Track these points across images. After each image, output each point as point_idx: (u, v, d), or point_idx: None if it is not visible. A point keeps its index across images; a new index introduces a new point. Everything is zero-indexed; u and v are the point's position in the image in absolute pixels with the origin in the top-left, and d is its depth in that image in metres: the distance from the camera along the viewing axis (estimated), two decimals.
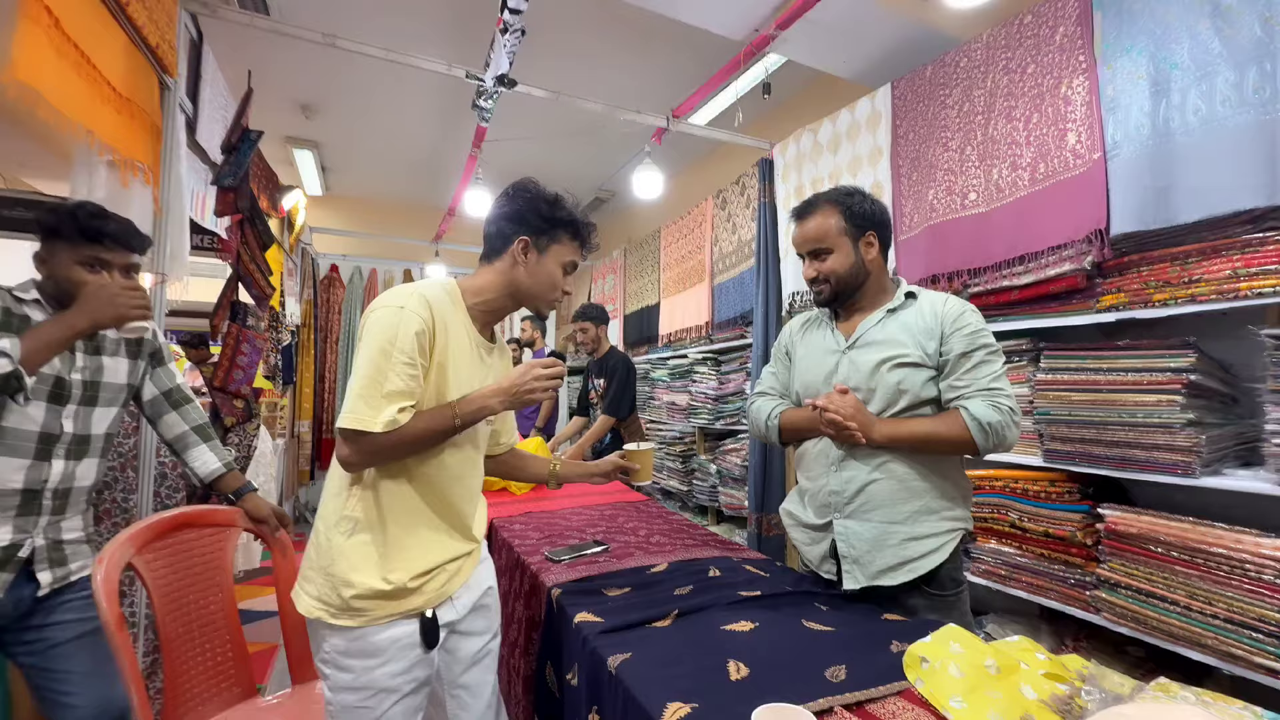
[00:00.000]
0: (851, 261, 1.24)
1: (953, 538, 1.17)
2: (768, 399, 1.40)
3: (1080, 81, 1.68)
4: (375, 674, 0.98)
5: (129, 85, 1.68)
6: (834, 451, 1.22)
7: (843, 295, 1.27)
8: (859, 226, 1.24)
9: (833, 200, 1.25)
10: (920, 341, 1.18)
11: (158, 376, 1.45)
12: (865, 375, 1.20)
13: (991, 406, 1.11)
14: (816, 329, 1.36)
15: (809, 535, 1.28)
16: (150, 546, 1.26)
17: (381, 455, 0.97)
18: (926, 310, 1.22)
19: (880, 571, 1.15)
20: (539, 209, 1.09)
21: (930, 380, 1.19)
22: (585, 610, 1.09)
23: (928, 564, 1.14)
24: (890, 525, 1.16)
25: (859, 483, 1.18)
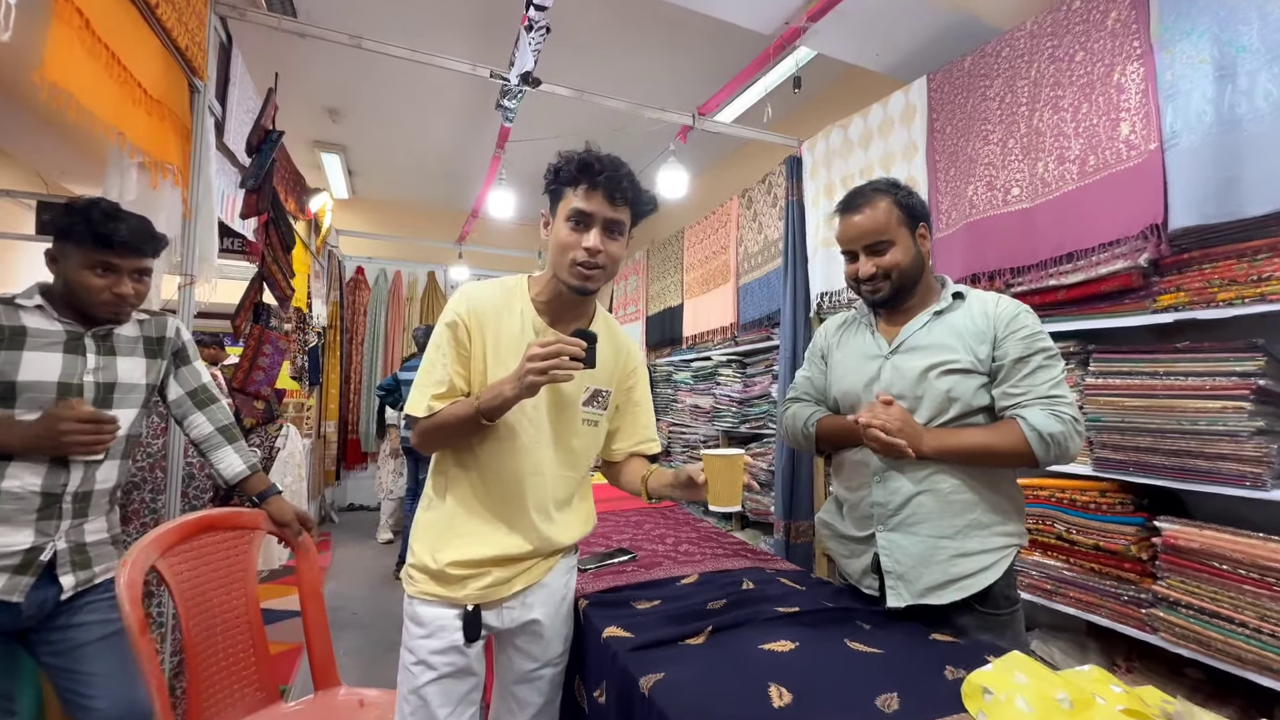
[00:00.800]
0: (913, 253, 1.15)
1: (1006, 554, 1.09)
2: (803, 404, 1.32)
3: (1135, 68, 1.59)
4: (418, 642, 1.03)
5: (159, 88, 1.69)
6: (875, 461, 1.14)
7: (903, 293, 1.17)
8: (913, 217, 1.15)
9: (883, 190, 1.16)
10: (971, 346, 1.10)
11: (182, 376, 1.44)
12: (911, 382, 1.12)
13: (1052, 415, 1.02)
14: (855, 332, 1.27)
15: (848, 548, 1.21)
16: (174, 550, 1.25)
17: (427, 438, 1.05)
18: (977, 312, 1.13)
19: (927, 589, 1.07)
20: (547, 178, 1.05)
21: (982, 388, 1.10)
22: (614, 624, 1.04)
23: (978, 582, 1.06)
24: (938, 540, 1.08)
25: (905, 495, 1.11)
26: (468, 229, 5.41)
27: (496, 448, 1.05)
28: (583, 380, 1.10)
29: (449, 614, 1.03)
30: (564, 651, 1.13)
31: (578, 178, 0.99)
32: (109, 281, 1.22)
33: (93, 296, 1.21)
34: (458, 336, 1.04)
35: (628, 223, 1.05)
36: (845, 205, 1.20)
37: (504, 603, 1.07)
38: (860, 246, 1.17)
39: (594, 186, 0.99)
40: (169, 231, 1.82)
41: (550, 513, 1.08)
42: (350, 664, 2.56)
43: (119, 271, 1.23)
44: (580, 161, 0.99)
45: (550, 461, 1.08)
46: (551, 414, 1.09)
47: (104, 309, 1.23)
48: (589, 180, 0.99)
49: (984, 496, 1.10)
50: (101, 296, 1.22)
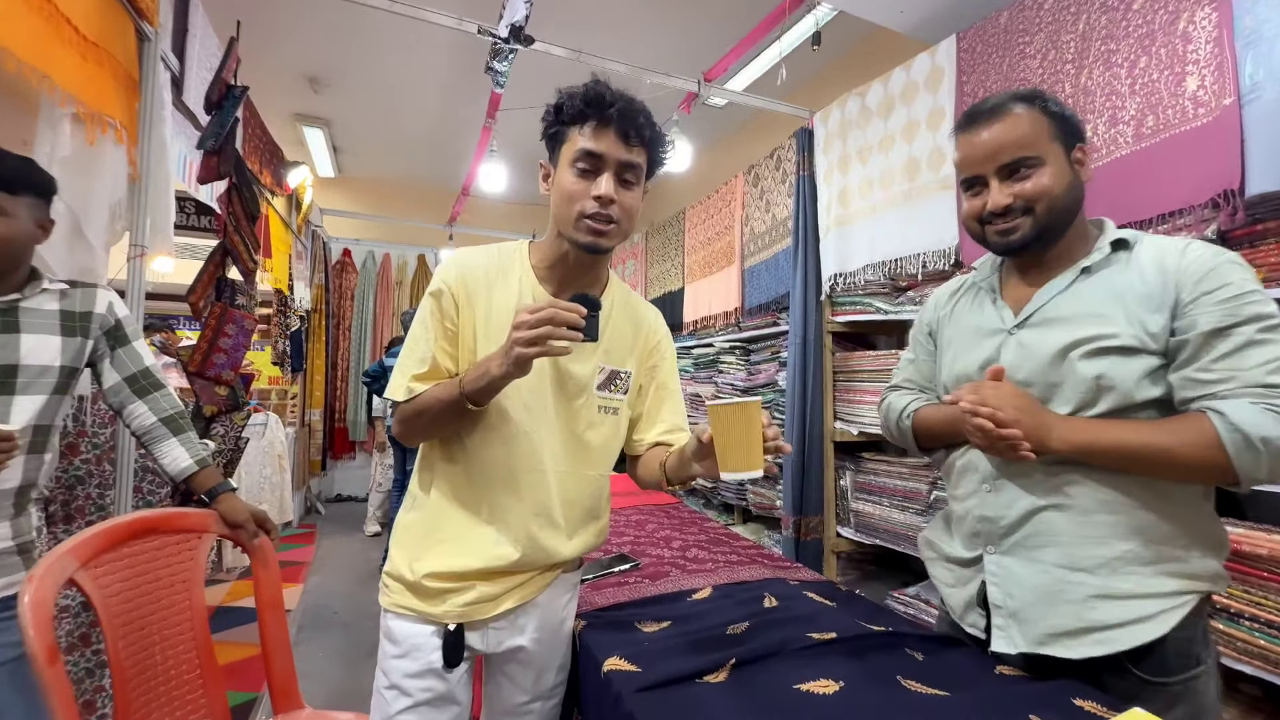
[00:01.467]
0: (1069, 179, 0.84)
1: (1181, 603, 0.78)
2: (902, 394, 1.08)
3: (1206, 14, 1.40)
4: (391, 663, 0.90)
5: (96, 29, 1.48)
6: (985, 463, 0.88)
7: (1049, 234, 0.86)
8: (1070, 132, 0.86)
9: (1025, 98, 0.87)
10: (1136, 314, 0.79)
11: (118, 359, 1.25)
12: (1042, 365, 0.84)
13: (1269, 411, 0.70)
14: (972, 300, 0.99)
15: (954, 574, 0.95)
16: (100, 559, 1.07)
17: (408, 426, 0.91)
18: (1149, 265, 0.81)
19: (1050, 635, 0.81)
20: (546, 119, 0.88)
21: (1152, 374, 0.79)
22: (616, 654, 0.87)
23: (1132, 637, 0.77)
24: (1070, 572, 0.81)
25: (1024, 508, 0.84)
26: (458, 209, 5.19)
27: (488, 437, 0.88)
28: (595, 359, 0.93)
29: (426, 632, 0.89)
30: (559, 684, 0.96)
31: (585, 113, 0.83)
32: None
33: None
34: (443, 308, 0.90)
35: (644, 168, 0.87)
36: (971, 117, 0.90)
37: (490, 623, 0.91)
38: (993, 168, 0.86)
39: (604, 123, 0.82)
40: (113, 195, 1.62)
41: (552, 518, 0.91)
42: (330, 668, 2.40)
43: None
44: (587, 94, 0.83)
45: (554, 456, 0.91)
46: (557, 399, 0.91)
47: None
48: (598, 115, 0.82)
49: (1153, 519, 0.79)
50: None
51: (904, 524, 2.23)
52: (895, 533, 2.27)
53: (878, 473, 2.42)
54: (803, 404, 2.60)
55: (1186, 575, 0.79)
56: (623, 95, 0.84)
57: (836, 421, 2.60)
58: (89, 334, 1.21)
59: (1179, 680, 0.78)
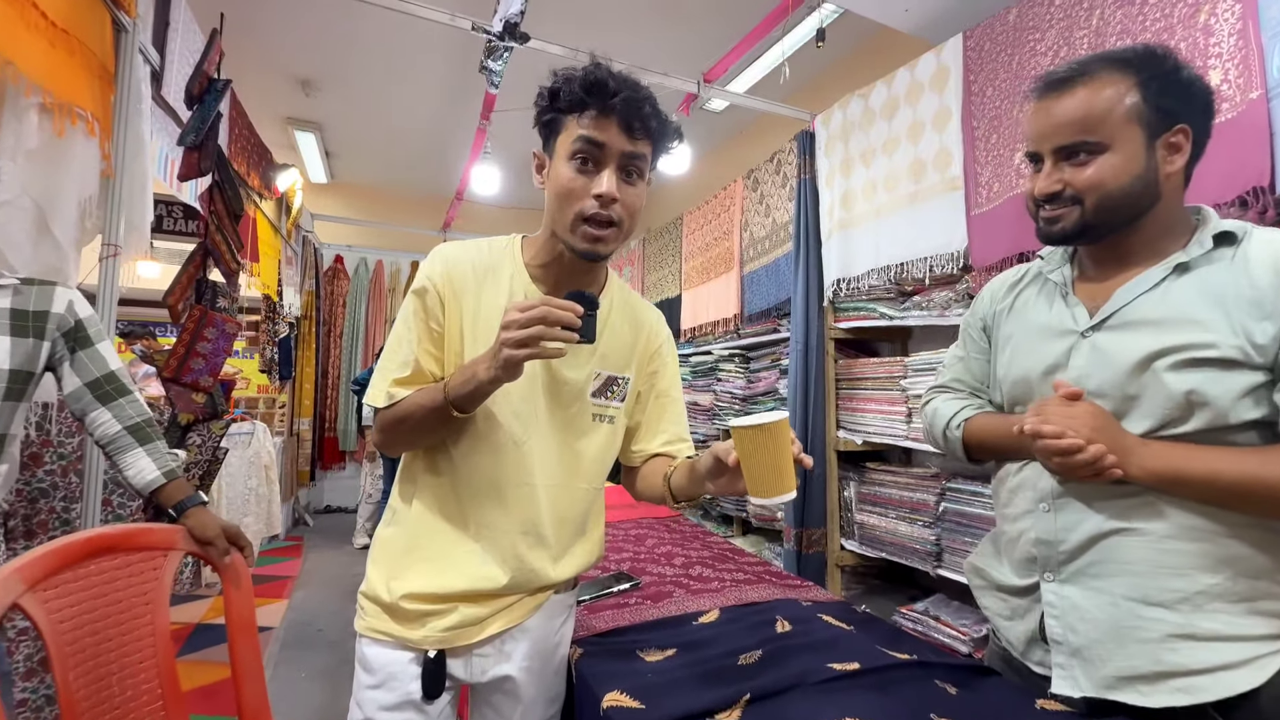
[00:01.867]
0: (1136, 172, 0.73)
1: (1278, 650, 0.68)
2: (949, 398, 0.96)
3: (1228, 5, 1.35)
4: (365, 694, 0.82)
5: (67, 16, 1.40)
6: (1047, 480, 0.78)
7: (1098, 230, 0.76)
8: (1165, 113, 0.73)
9: (1126, 62, 0.74)
10: (1239, 321, 0.69)
11: (79, 363, 1.17)
12: (1119, 376, 0.73)
13: None
14: (1038, 294, 0.87)
15: (1007, 605, 0.85)
16: (51, 581, 0.98)
17: (388, 433, 0.83)
18: (1261, 264, 0.70)
19: (1121, 679, 0.71)
20: (540, 104, 0.80)
21: (1257, 390, 0.68)
22: (617, 687, 0.78)
23: (1220, 686, 0.67)
24: (1144, 606, 0.71)
25: (1089, 531, 0.74)
26: (452, 214, 5.12)
27: (474, 447, 0.81)
28: (591, 364, 0.86)
29: (404, 659, 0.81)
30: (552, 717, 0.87)
31: (585, 100, 0.75)
32: None
33: None
34: (428, 306, 0.82)
35: (650, 160, 0.79)
36: (1045, 83, 0.79)
37: (474, 649, 0.83)
38: (1050, 148, 0.77)
39: (606, 111, 0.74)
40: (83, 190, 1.54)
41: (541, 535, 0.83)
42: (311, 689, 2.28)
43: None
44: (588, 79, 0.75)
45: (545, 469, 0.83)
46: (549, 406, 0.83)
47: None
48: (600, 103, 0.74)
49: (1248, 550, 0.69)
50: None
51: (910, 536, 2.15)
52: (902, 545, 2.18)
53: (883, 483, 2.34)
54: (805, 412, 2.53)
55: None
56: (626, 81, 0.76)
57: (839, 430, 2.52)
58: (44, 335, 1.13)
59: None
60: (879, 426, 2.34)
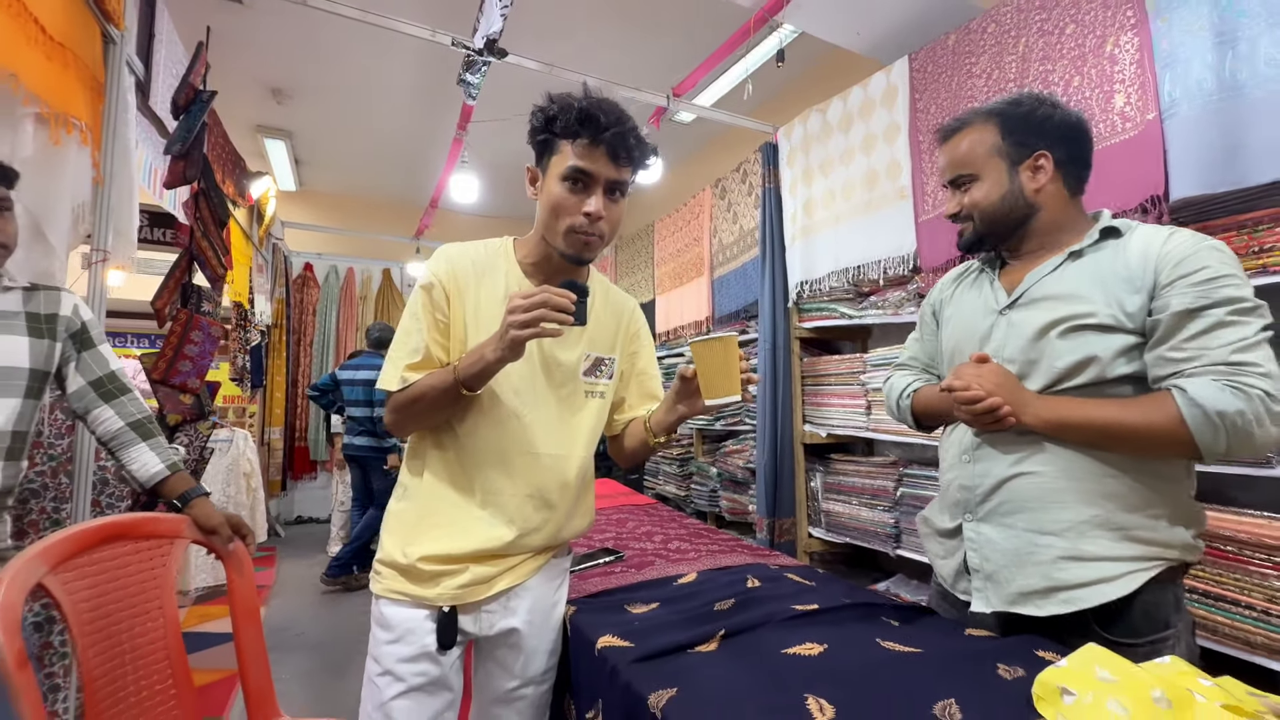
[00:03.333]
0: (1004, 190, 0.94)
1: (1148, 567, 0.82)
2: (905, 373, 1.14)
3: (1129, 38, 1.55)
4: (384, 649, 0.90)
5: (63, 30, 1.45)
6: (967, 436, 0.95)
7: (993, 237, 0.97)
8: (1023, 144, 0.93)
9: (992, 114, 0.96)
10: (1116, 295, 0.84)
11: (84, 363, 1.22)
12: (1026, 342, 0.89)
13: (1228, 387, 0.75)
14: (973, 284, 1.06)
15: (942, 545, 1.00)
16: (70, 564, 1.03)
17: (401, 415, 0.91)
18: (1134, 251, 0.86)
19: (1021, 595, 0.86)
20: (531, 127, 0.90)
21: (1130, 350, 0.84)
22: (609, 632, 0.89)
23: (1096, 595, 0.82)
24: (1039, 535, 0.86)
25: (996, 477, 0.90)
26: (426, 222, 5.15)
27: (480, 423, 0.91)
28: (581, 347, 0.97)
29: (420, 615, 0.90)
30: (549, 669, 0.98)
31: (578, 130, 0.85)
32: None
33: None
34: (435, 300, 0.92)
35: (630, 181, 0.91)
36: (943, 132, 1.02)
37: (482, 605, 0.92)
38: (949, 179, 1.00)
39: (597, 142, 0.84)
40: (76, 198, 1.58)
41: (546, 499, 0.94)
42: (295, 690, 2.31)
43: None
44: (582, 111, 0.84)
45: (546, 440, 0.93)
46: (546, 385, 0.94)
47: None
48: (591, 135, 0.84)
49: (1122, 489, 0.84)
50: None
51: (872, 521, 2.30)
52: (864, 530, 2.34)
53: (846, 473, 2.50)
54: (773, 408, 2.67)
55: (1154, 543, 0.83)
56: (616, 115, 0.86)
57: (806, 425, 2.68)
58: (55, 336, 1.18)
59: (1146, 642, 0.82)
60: (842, 419, 2.50)
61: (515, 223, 6.25)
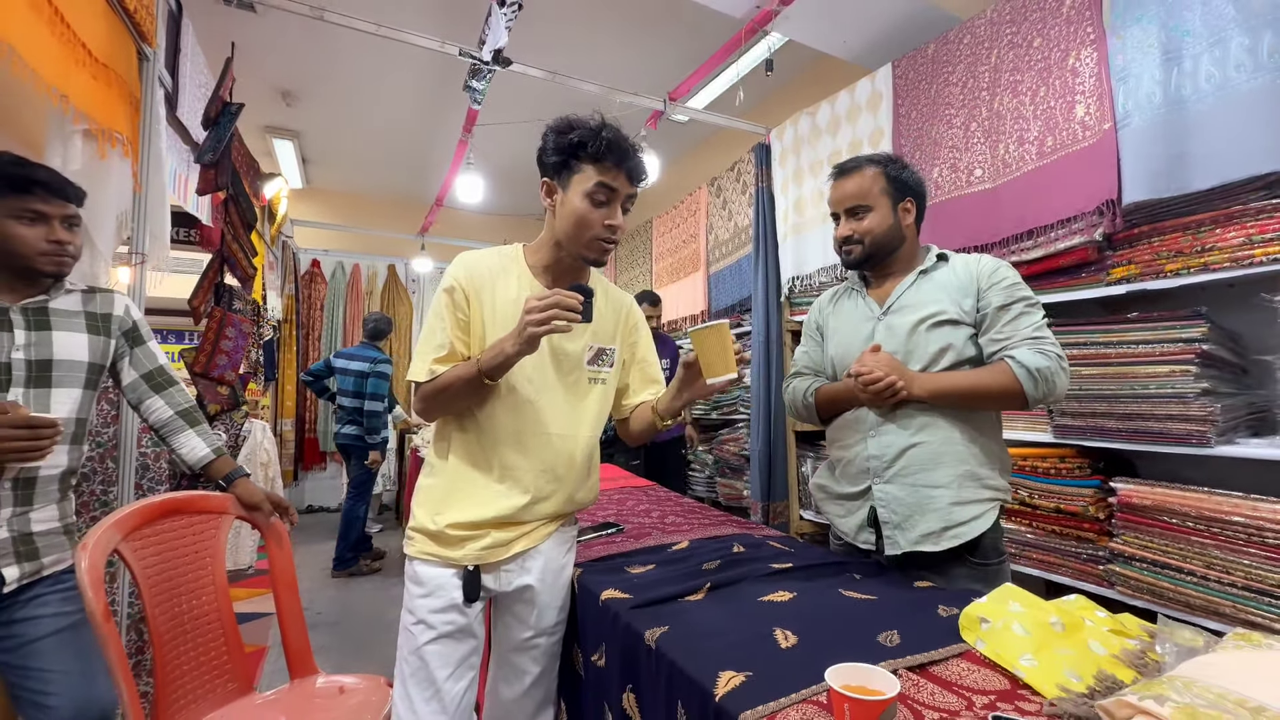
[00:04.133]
0: (889, 223, 1.21)
1: (994, 507, 1.13)
2: (803, 378, 1.37)
3: (1089, 53, 1.68)
4: (417, 602, 1.04)
5: (106, 51, 1.58)
6: (870, 417, 1.18)
7: (874, 258, 1.23)
8: (899, 190, 1.21)
9: (876, 162, 1.23)
10: (956, 299, 1.16)
11: (136, 358, 1.36)
12: (903, 337, 1.17)
13: (1038, 352, 1.08)
14: (848, 299, 1.33)
15: (844, 506, 1.24)
16: (138, 533, 1.18)
17: (429, 402, 1.05)
18: (960, 268, 1.19)
19: (924, 536, 1.11)
20: (550, 143, 1.03)
21: (970, 338, 1.16)
22: (611, 587, 1.03)
23: (972, 530, 1.10)
24: (932, 490, 1.12)
25: (898, 447, 1.14)
26: (431, 219, 5.28)
27: (498, 408, 1.04)
28: (585, 339, 1.10)
29: (447, 573, 1.04)
30: (559, 622, 1.12)
31: (605, 155, 0.99)
32: (42, 230, 1.15)
33: (27, 247, 1.14)
34: (456, 301, 1.05)
35: None
36: (838, 170, 1.26)
37: (502, 565, 1.06)
38: (843, 209, 1.23)
39: (619, 165, 1.00)
40: (119, 206, 1.72)
41: (555, 473, 1.08)
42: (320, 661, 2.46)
43: (49, 219, 1.16)
44: (610, 141, 0.99)
45: (555, 421, 1.07)
46: (555, 373, 1.08)
47: (44, 261, 1.17)
48: (616, 160, 1.00)
49: (977, 449, 1.14)
50: (38, 246, 1.15)
51: None
52: None
53: None
54: (767, 397, 2.82)
55: (995, 488, 1.15)
56: (631, 143, 1.03)
57: None
58: (110, 334, 1.32)
59: (994, 564, 1.13)
60: None
61: (516, 220, 6.37)
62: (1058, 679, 0.65)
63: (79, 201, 1.22)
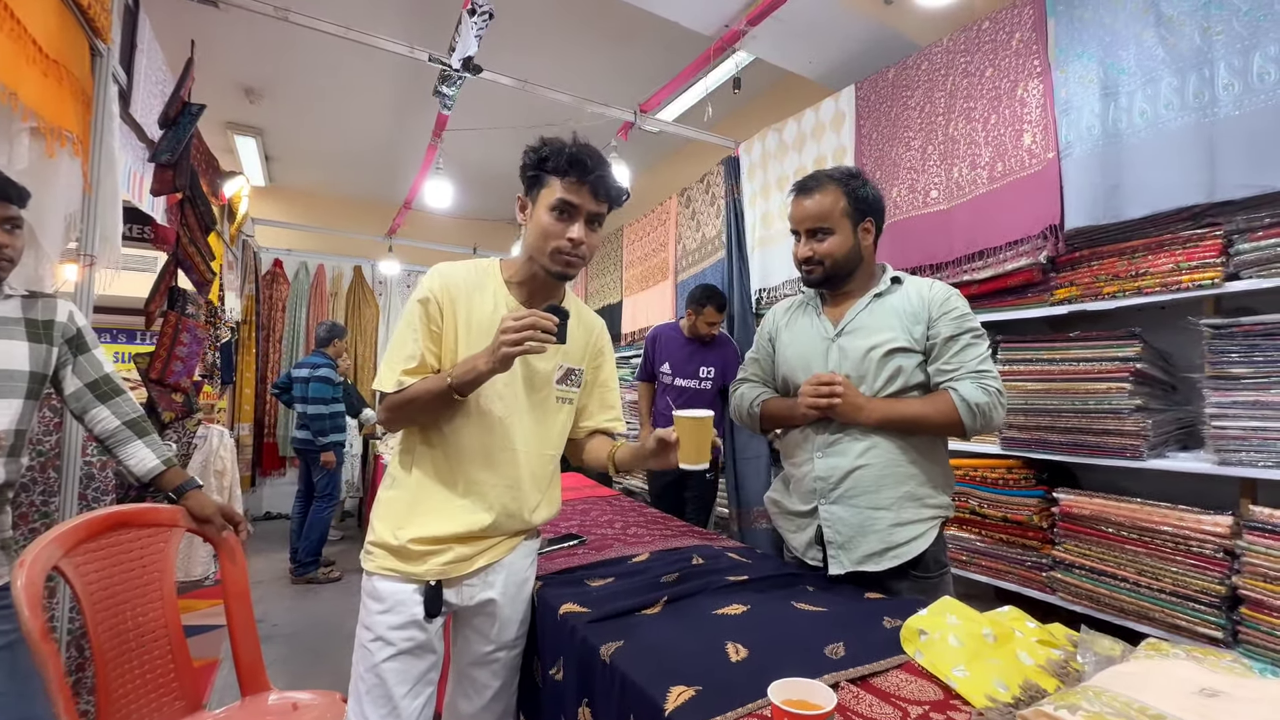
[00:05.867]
0: (850, 245, 1.21)
1: (935, 524, 1.18)
2: (751, 385, 1.39)
3: (1035, 85, 1.77)
4: (376, 618, 1.02)
5: (57, 47, 1.53)
6: (818, 437, 1.21)
7: (834, 279, 1.24)
8: (860, 211, 1.21)
9: (837, 180, 1.21)
10: (908, 326, 1.18)
11: (80, 366, 1.31)
12: (855, 362, 1.19)
13: (979, 388, 1.12)
14: (802, 314, 1.34)
15: (794, 522, 1.26)
16: (81, 549, 1.14)
17: (395, 413, 1.04)
18: (913, 295, 1.21)
19: (865, 557, 1.14)
20: (525, 161, 1.05)
21: (919, 366, 1.18)
22: (570, 601, 1.04)
23: (911, 550, 1.14)
24: (875, 511, 1.15)
25: (844, 469, 1.17)
26: (399, 221, 5.20)
27: (466, 423, 1.04)
28: (556, 359, 1.11)
29: (408, 589, 1.03)
30: (520, 635, 1.12)
31: (568, 170, 1.00)
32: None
33: None
34: (429, 313, 1.04)
35: (607, 214, 1.08)
36: (799, 187, 1.25)
37: (464, 580, 1.06)
38: (803, 229, 1.23)
39: (582, 181, 1.00)
40: (68, 207, 1.66)
41: (519, 490, 1.08)
42: (274, 676, 2.39)
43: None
44: (572, 156, 1.00)
45: (522, 438, 1.07)
46: (525, 391, 1.08)
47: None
48: (580, 175, 1.00)
49: (918, 471, 1.17)
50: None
51: None
52: None
53: None
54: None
55: (935, 506, 1.19)
56: (598, 159, 1.02)
57: None
58: (53, 341, 1.27)
59: (935, 576, 1.18)
60: None
61: (485, 224, 6.32)
62: (987, 689, 0.69)
63: (21, 202, 1.18)
